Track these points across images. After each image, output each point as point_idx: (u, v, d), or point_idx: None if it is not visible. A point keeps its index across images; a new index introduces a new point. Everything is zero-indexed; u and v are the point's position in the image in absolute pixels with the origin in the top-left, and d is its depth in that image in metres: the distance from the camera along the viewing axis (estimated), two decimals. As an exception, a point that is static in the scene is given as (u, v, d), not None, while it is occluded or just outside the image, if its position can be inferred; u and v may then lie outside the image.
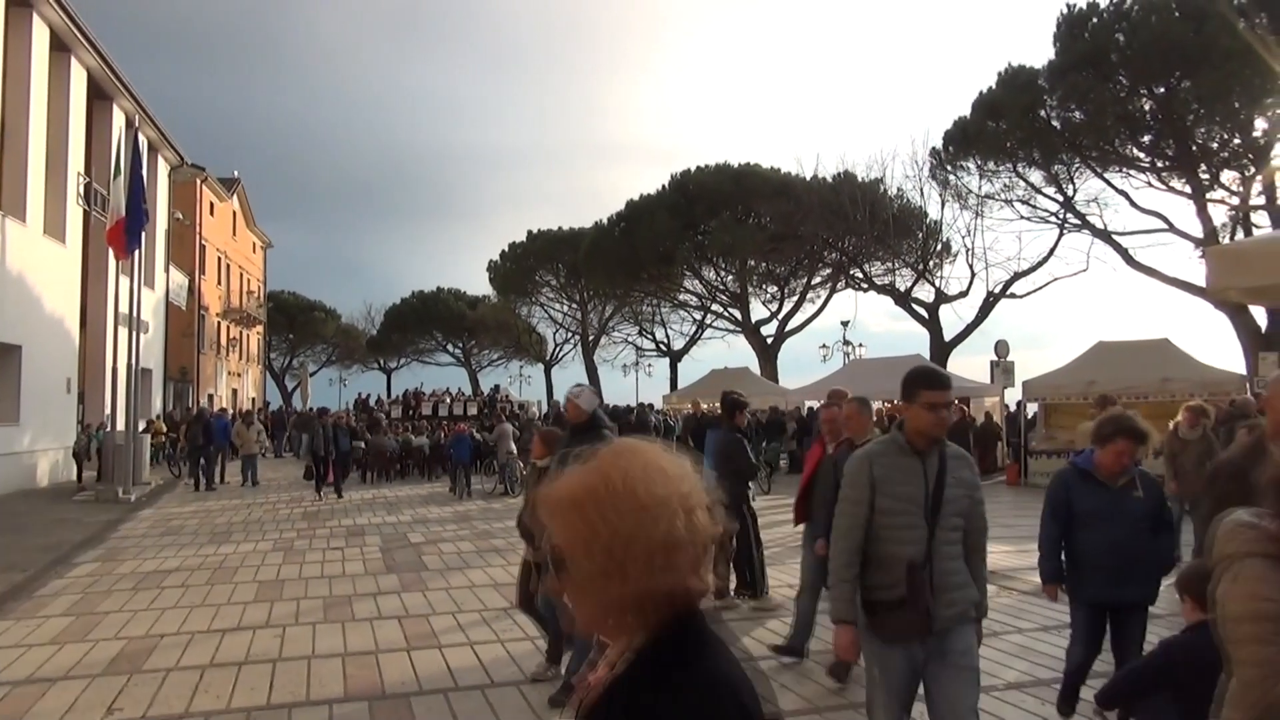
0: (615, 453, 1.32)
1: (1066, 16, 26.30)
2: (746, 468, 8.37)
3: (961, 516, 3.52)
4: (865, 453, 3.66)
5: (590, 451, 1.35)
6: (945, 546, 3.45)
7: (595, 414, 5.68)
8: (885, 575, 3.46)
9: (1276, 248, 5.40)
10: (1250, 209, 25.29)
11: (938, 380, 3.59)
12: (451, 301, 61.63)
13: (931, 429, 3.48)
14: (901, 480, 3.48)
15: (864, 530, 3.49)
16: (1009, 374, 22.31)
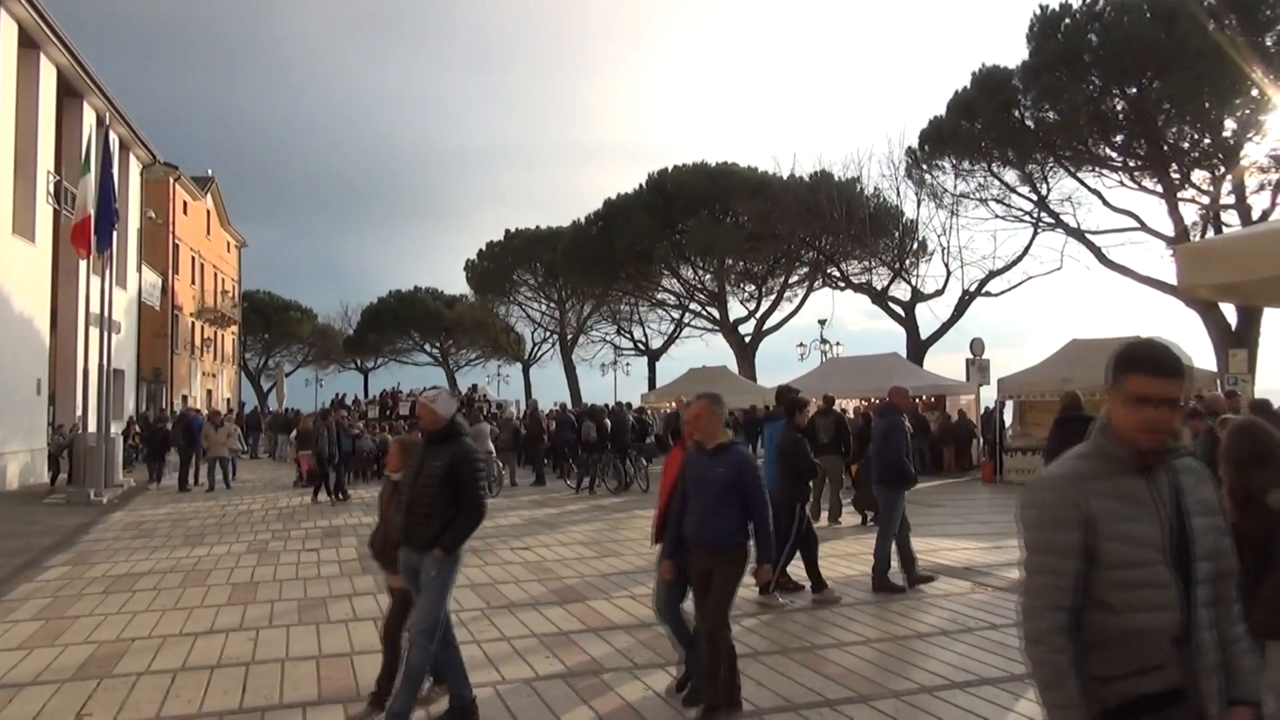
0: None
1: (1040, 17, 26.53)
2: (806, 467, 8.44)
3: (1211, 559, 2.28)
4: (1067, 473, 2.33)
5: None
6: (1204, 608, 2.24)
7: (454, 420, 5.22)
8: (1129, 657, 2.21)
9: (1245, 246, 5.45)
10: (1220, 208, 25.61)
11: (1153, 363, 2.28)
12: (429, 301, 61.36)
13: (1139, 435, 2.26)
14: (1131, 514, 2.24)
15: (1078, 595, 2.22)
16: (984, 372, 22.48)
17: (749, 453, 5.19)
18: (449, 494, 4.97)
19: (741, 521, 4.98)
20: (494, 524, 13.86)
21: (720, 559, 4.96)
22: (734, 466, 5.00)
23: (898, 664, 6.16)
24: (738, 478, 4.98)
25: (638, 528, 13.21)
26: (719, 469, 5.00)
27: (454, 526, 4.97)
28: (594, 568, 9.98)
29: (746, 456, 5.10)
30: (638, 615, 7.63)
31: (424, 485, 5.02)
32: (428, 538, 4.93)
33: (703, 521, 5.02)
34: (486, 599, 8.39)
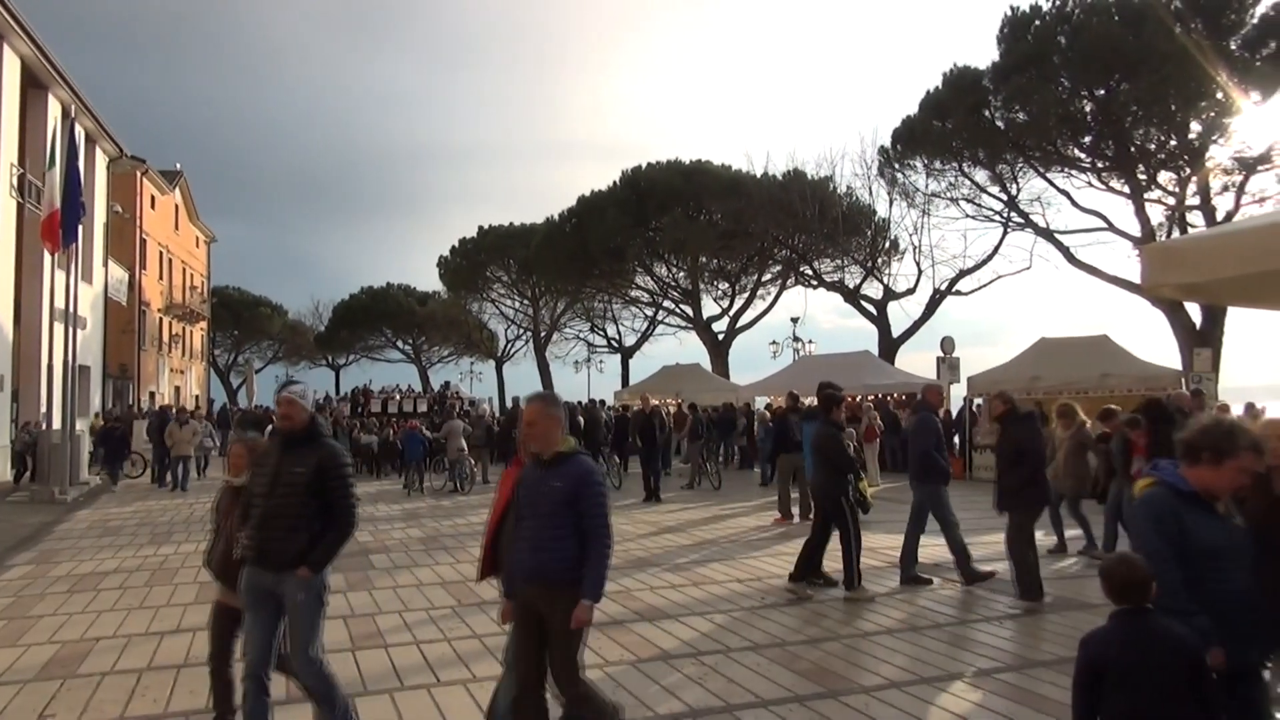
0: None
1: (1010, 19, 26.78)
2: (844, 462, 8.42)
3: None
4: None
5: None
6: None
7: (314, 419, 4.60)
8: None
9: (1208, 246, 5.52)
10: (1186, 209, 25.96)
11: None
12: (401, 297, 61.00)
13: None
14: None
15: None
16: (955, 370, 22.70)
17: (593, 464, 4.27)
18: (315, 504, 4.39)
19: (578, 547, 4.07)
20: (466, 521, 13.82)
21: (555, 597, 4.02)
22: (572, 480, 4.09)
23: (868, 659, 6.21)
24: (575, 494, 4.07)
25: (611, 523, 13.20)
26: (554, 483, 4.09)
27: (323, 542, 4.39)
28: (566, 565, 9.95)
29: (588, 469, 4.18)
30: (610, 613, 7.62)
31: (284, 495, 4.38)
32: (291, 555, 4.31)
33: (534, 548, 4.08)
34: (458, 596, 8.36)
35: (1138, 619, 3.18)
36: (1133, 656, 3.12)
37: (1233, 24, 23.96)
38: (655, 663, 6.14)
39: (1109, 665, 3.15)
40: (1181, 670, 3.03)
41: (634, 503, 15.54)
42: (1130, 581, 3.22)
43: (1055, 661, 6.09)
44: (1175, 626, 3.14)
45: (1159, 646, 3.09)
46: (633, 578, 9.16)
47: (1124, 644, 3.16)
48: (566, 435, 4.28)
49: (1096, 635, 3.28)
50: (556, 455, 4.18)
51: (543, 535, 4.08)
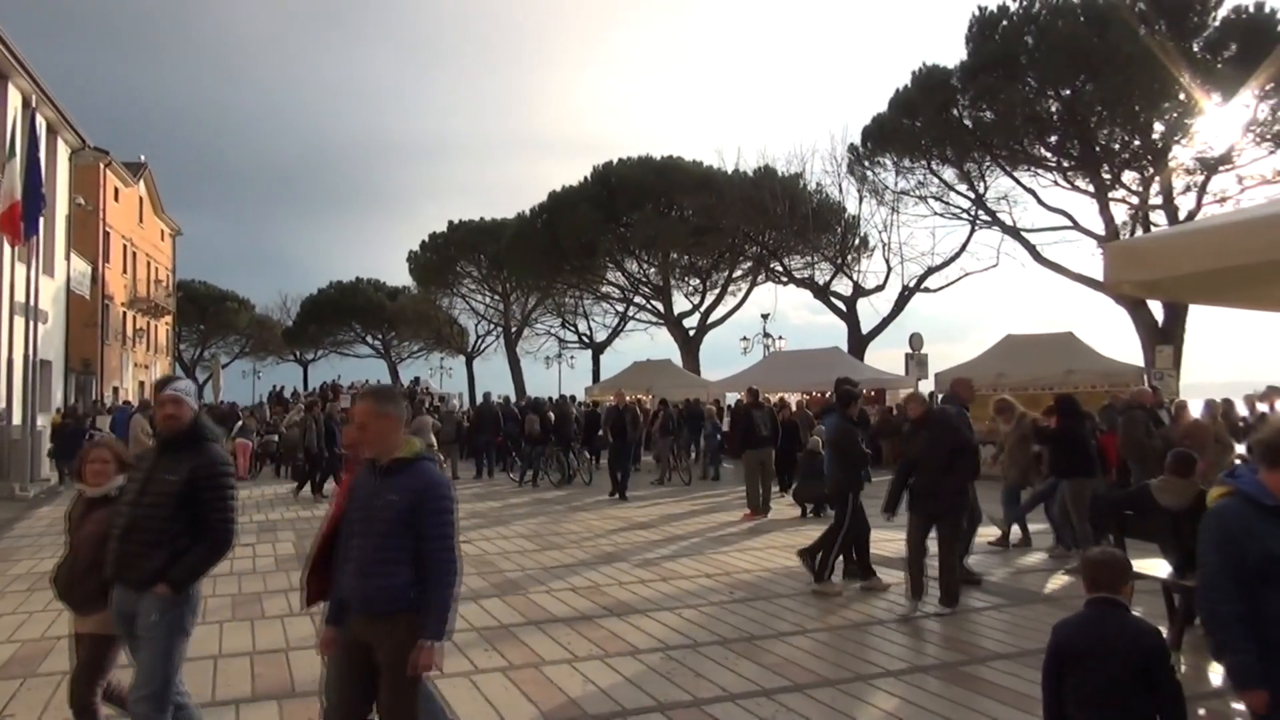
0: None
1: (978, 18, 27.03)
2: (858, 457, 8.54)
3: None
4: None
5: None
6: None
7: (199, 421, 4.09)
8: None
9: (1169, 244, 5.63)
10: (1149, 208, 26.38)
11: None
12: (371, 292, 60.55)
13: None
14: None
15: None
16: (923, 366, 22.93)
17: (439, 474, 3.65)
18: (185, 517, 3.87)
19: (415, 571, 3.43)
20: (435, 518, 13.74)
21: (386, 632, 3.39)
22: (411, 493, 3.45)
23: (834, 653, 6.26)
24: (415, 507, 3.43)
25: (580, 520, 13.23)
26: (390, 495, 3.44)
27: (187, 558, 3.86)
28: (535, 560, 9.95)
29: (433, 480, 3.54)
30: (578, 608, 7.64)
31: (151, 504, 3.87)
32: (149, 573, 3.80)
33: (362, 572, 3.42)
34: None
35: (1104, 608, 3.26)
36: (1091, 643, 3.21)
37: (1195, 26, 24.37)
38: (623, 658, 6.16)
39: (1070, 649, 3.24)
40: (1136, 662, 3.09)
41: (604, 499, 15.54)
42: (1104, 573, 3.31)
43: (1017, 654, 6.19)
44: (1141, 622, 3.22)
45: (1117, 636, 3.17)
46: (601, 572, 9.18)
47: (1085, 630, 3.25)
48: (410, 438, 3.65)
49: (1066, 621, 3.37)
50: (396, 461, 3.53)
51: (373, 557, 3.41)
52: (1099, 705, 3.14)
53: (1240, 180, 25.31)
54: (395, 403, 3.70)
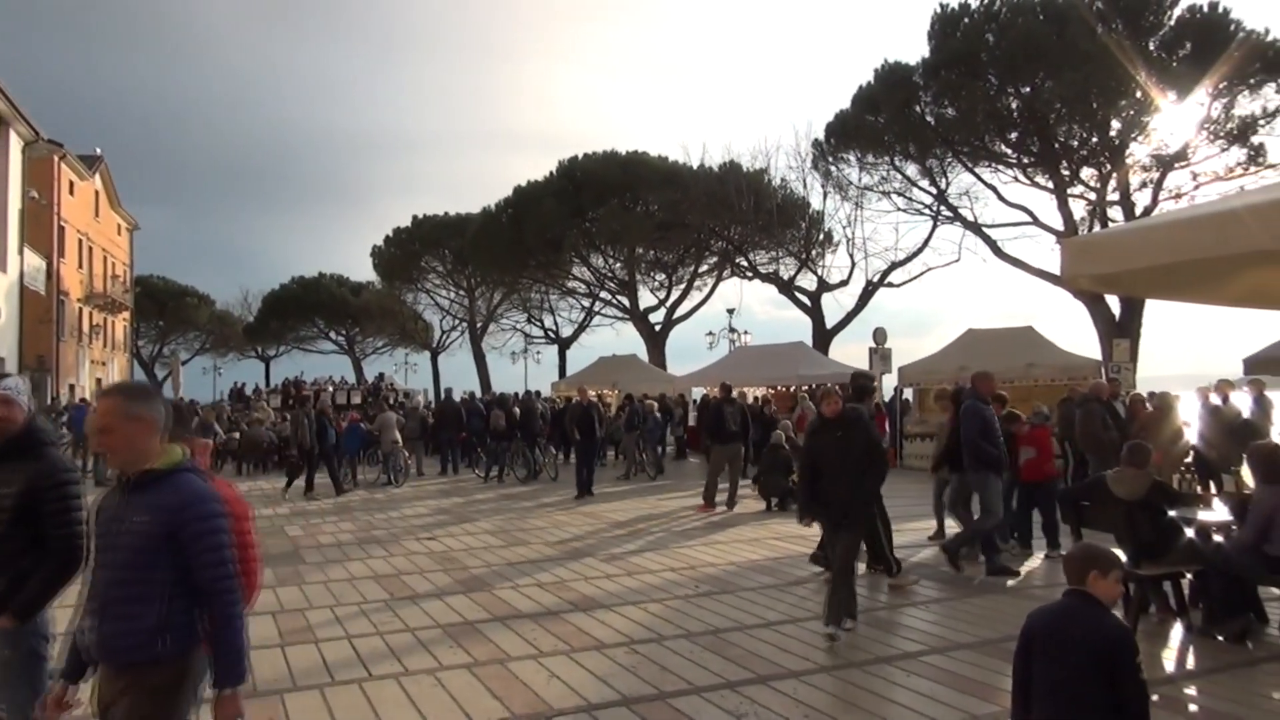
0: None
1: (940, 16, 27.29)
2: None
3: None
4: None
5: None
6: None
7: (33, 424, 3.64)
8: None
9: (1124, 240, 5.72)
10: (1107, 204, 26.83)
11: None
12: (334, 287, 59.87)
13: None
14: None
15: None
16: (887, 360, 23.10)
17: (202, 485, 2.87)
18: (25, 536, 3.43)
19: (171, 612, 2.74)
20: (400, 514, 13.68)
21: (122, 686, 2.76)
22: (166, 512, 2.76)
23: (798, 645, 6.31)
24: (173, 531, 2.74)
25: (546, 516, 13.21)
26: (136, 517, 2.77)
27: (32, 582, 3.43)
28: (501, 556, 9.92)
29: (195, 494, 2.82)
30: (544, 603, 7.64)
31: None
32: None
33: (103, 611, 2.76)
34: (390, 590, 8.28)
35: (1077, 600, 3.33)
36: (1056, 633, 3.28)
37: (1151, 25, 24.81)
38: (589, 652, 6.16)
39: (1036, 637, 3.32)
40: (1099, 657, 3.15)
41: (570, 494, 15.51)
42: (1070, 566, 3.40)
43: (978, 644, 6.28)
44: (1110, 618, 3.28)
45: (1081, 627, 3.22)
46: (567, 568, 9.18)
47: (1053, 620, 3.33)
48: (171, 446, 2.92)
49: (1040, 609, 3.46)
50: (148, 475, 2.83)
51: (113, 595, 2.75)
52: (1057, 695, 3.21)
53: (1195, 177, 25.86)
54: (150, 402, 2.91)
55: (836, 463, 6.45)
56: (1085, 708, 3.15)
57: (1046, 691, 3.26)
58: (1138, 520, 6.60)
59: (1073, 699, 3.16)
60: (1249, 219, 4.30)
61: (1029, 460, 9.45)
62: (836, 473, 6.45)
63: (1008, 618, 6.96)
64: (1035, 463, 9.48)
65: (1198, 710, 5.04)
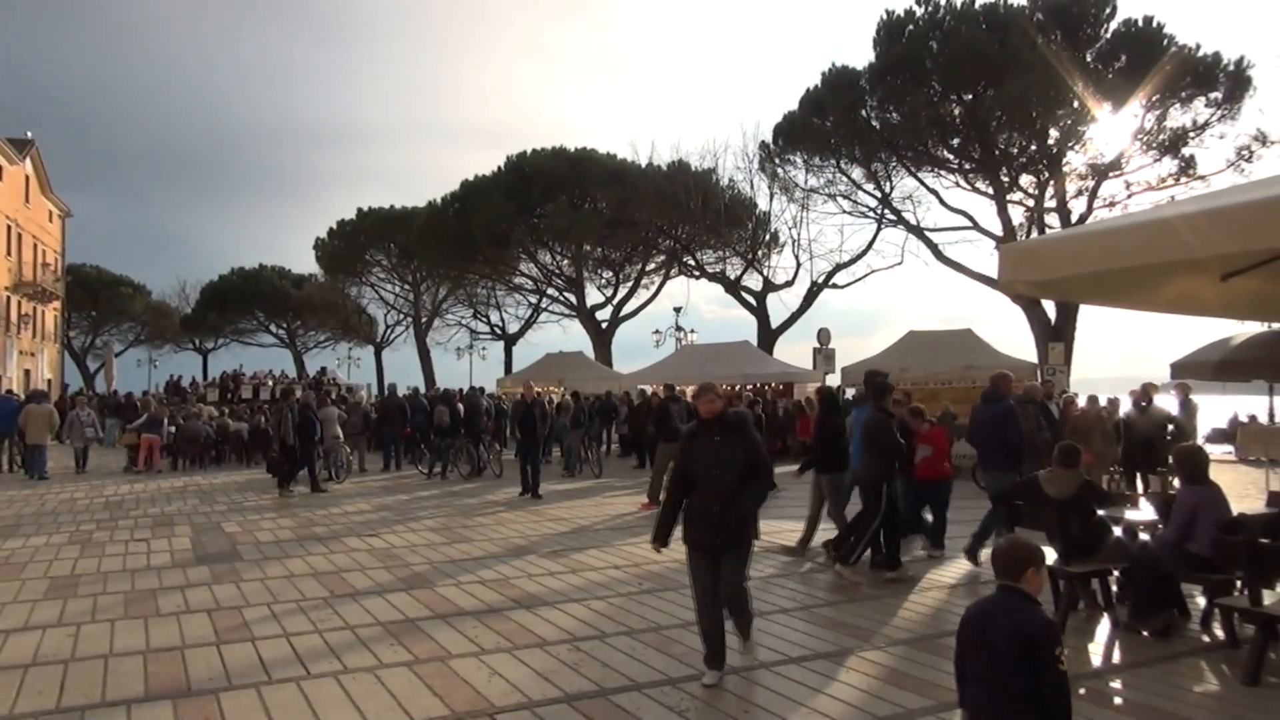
0: None
1: (886, 22, 27.69)
2: (893, 447, 8.52)
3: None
4: None
5: None
6: None
7: None
8: None
9: (1059, 246, 5.87)
10: (1044, 211, 27.49)
11: None
12: (275, 279, 58.71)
13: None
14: None
15: None
16: (830, 360, 23.44)
17: None
18: None
19: None
20: (341, 511, 13.50)
21: None
22: None
23: (739, 642, 6.36)
24: None
25: (490, 513, 13.14)
26: None
27: None
28: (444, 554, 9.85)
29: None
30: (486, 601, 7.61)
31: None
32: None
33: None
34: (330, 587, 8.17)
35: (1005, 594, 3.46)
36: (983, 625, 3.42)
37: (1089, 38, 25.49)
38: (532, 650, 6.16)
39: (967, 629, 3.44)
40: (1018, 645, 3.25)
41: (514, 491, 15.43)
42: (1002, 561, 3.51)
43: (914, 640, 6.40)
44: (1031, 610, 3.40)
45: (1006, 620, 3.34)
46: (510, 565, 9.15)
47: (982, 613, 3.47)
48: None
49: (976, 603, 3.59)
50: None
51: None
52: (985, 685, 3.35)
53: (1128, 186, 26.66)
54: None
55: (715, 474, 5.37)
56: (1009, 697, 3.27)
57: (974, 681, 3.39)
58: (1068, 519, 6.79)
59: (997, 689, 3.29)
60: (1180, 228, 4.44)
61: (925, 459, 9.40)
62: (713, 486, 5.37)
63: (945, 615, 7.12)
64: (931, 461, 9.40)
65: (1122, 703, 5.20)
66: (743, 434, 5.47)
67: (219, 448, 22.68)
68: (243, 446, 22.90)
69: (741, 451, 5.40)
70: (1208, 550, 6.23)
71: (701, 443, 5.46)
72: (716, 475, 5.35)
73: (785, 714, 4.96)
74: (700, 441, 5.48)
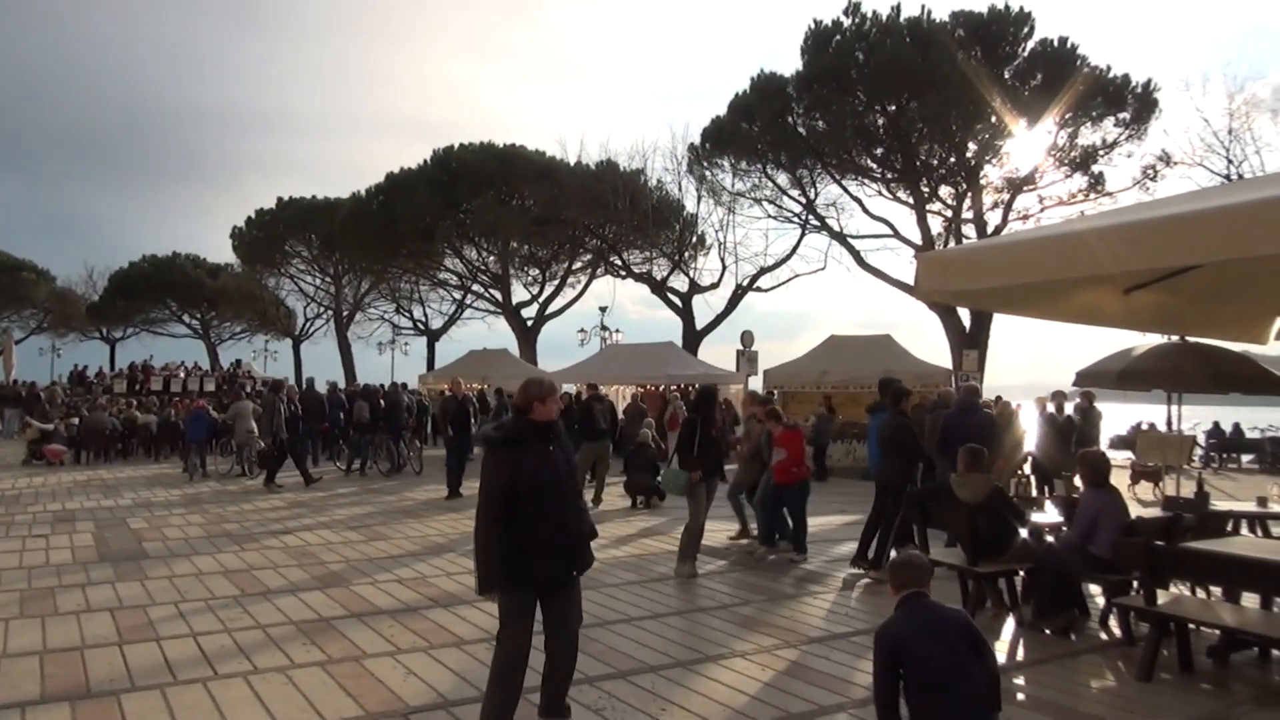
0: None
1: (813, 31, 28.10)
2: (914, 450, 8.71)
3: None
4: None
5: None
6: None
7: None
8: None
9: (973, 257, 6.04)
10: (962, 221, 28.26)
11: None
12: (189, 268, 56.84)
13: None
14: None
15: None
16: (753, 363, 23.74)
17: None
18: None
19: None
20: (253, 506, 13.17)
21: None
22: None
23: (657, 640, 6.41)
24: None
25: (409, 511, 12.96)
26: None
27: None
28: (361, 552, 9.69)
29: None
30: (404, 599, 7.51)
31: None
32: None
33: None
34: (241, 586, 7.95)
35: (919, 602, 3.76)
36: (929, 628, 3.67)
37: (1007, 55, 26.29)
38: (449, 649, 6.10)
39: (911, 639, 3.62)
40: (964, 636, 3.62)
41: (435, 488, 15.24)
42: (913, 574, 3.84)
43: (828, 638, 6.53)
44: (946, 607, 3.69)
45: (949, 617, 3.72)
46: (428, 564, 9.05)
47: (917, 621, 3.72)
48: None
49: (891, 624, 3.78)
50: None
51: None
52: (947, 679, 3.58)
53: (1041, 200, 27.61)
54: None
55: (566, 487, 4.54)
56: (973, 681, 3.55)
57: (933, 684, 3.54)
58: (978, 522, 7.01)
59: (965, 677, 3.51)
60: (1088, 243, 4.62)
61: (780, 462, 9.37)
62: (564, 503, 4.52)
63: (857, 615, 7.28)
64: (785, 464, 9.36)
65: (1025, 699, 5.38)
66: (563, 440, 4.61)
67: (126, 441, 21.90)
68: (151, 440, 22.15)
69: (569, 461, 4.63)
70: (1107, 552, 6.50)
71: (536, 452, 4.41)
72: (568, 488, 4.55)
73: (702, 712, 5.02)
74: (534, 451, 4.41)
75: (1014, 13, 26.22)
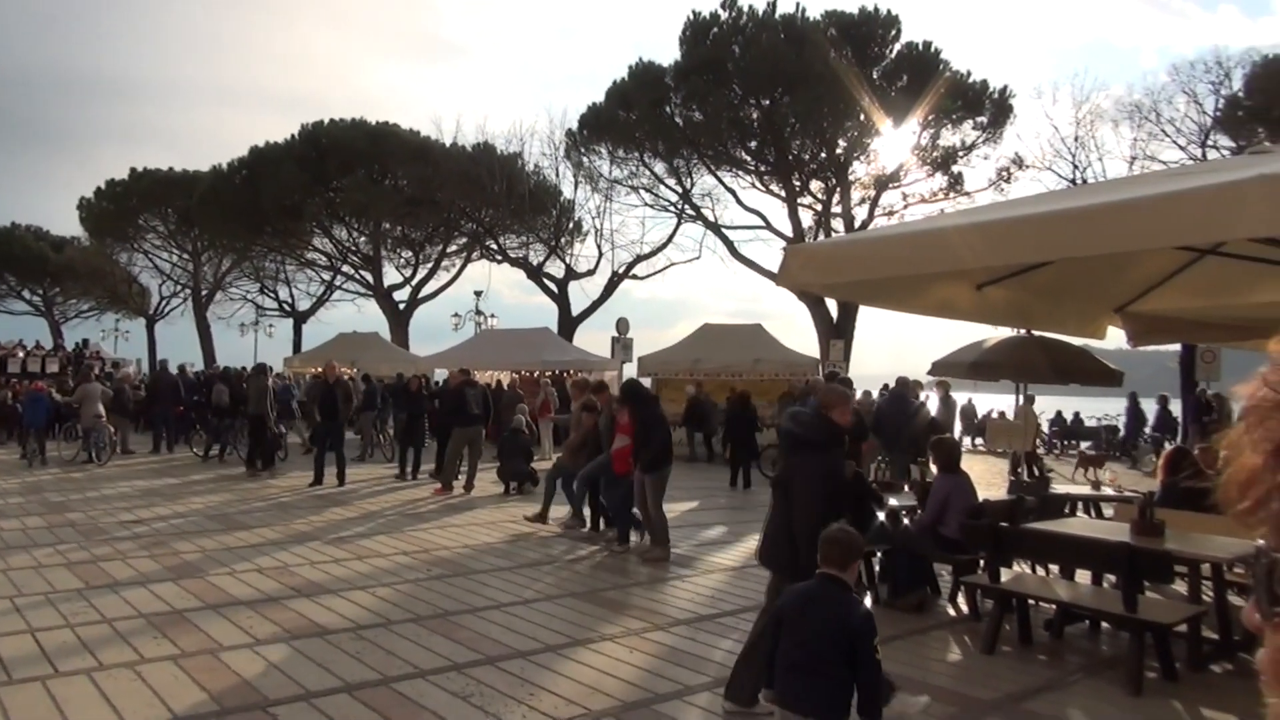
0: None
1: (692, 23, 28.42)
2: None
3: None
4: None
5: None
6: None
7: None
8: None
9: (838, 251, 6.28)
10: (831, 215, 29.17)
11: None
12: (31, 241, 53.02)
13: None
14: None
15: None
16: (628, 349, 23.91)
17: None
18: None
19: None
20: (101, 495, 12.47)
21: None
22: None
23: (526, 625, 6.42)
24: None
25: (271, 498, 12.53)
26: None
27: None
28: (218, 541, 9.30)
29: None
30: (264, 589, 7.26)
31: None
32: None
33: None
34: (85, 578, 7.52)
35: (826, 583, 3.63)
36: (804, 612, 3.61)
37: (876, 56, 27.24)
38: (311, 639, 5.94)
39: (786, 614, 3.62)
40: (841, 636, 3.47)
41: (299, 475, 14.74)
42: (834, 551, 3.67)
43: (693, 620, 6.68)
44: (856, 603, 3.63)
45: (830, 610, 3.55)
46: (291, 552, 8.77)
47: (803, 600, 3.65)
48: None
49: (793, 588, 3.75)
50: None
51: None
52: (800, 669, 3.53)
53: (905, 197, 28.81)
54: None
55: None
56: (824, 682, 3.48)
57: (789, 667, 3.56)
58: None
59: (816, 674, 3.48)
60: (950, 238, 4.86)
61: (619, 449, 9.24)
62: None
63: (723, 597, 7.47)
64: (624, 453, 9.16)
65: (878, 674, 5.64)
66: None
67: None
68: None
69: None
70: (957, 533, 6.87)
71: None
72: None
73: (571, 695, 5.05)
74: None
75: (883, 15, 27.21)
